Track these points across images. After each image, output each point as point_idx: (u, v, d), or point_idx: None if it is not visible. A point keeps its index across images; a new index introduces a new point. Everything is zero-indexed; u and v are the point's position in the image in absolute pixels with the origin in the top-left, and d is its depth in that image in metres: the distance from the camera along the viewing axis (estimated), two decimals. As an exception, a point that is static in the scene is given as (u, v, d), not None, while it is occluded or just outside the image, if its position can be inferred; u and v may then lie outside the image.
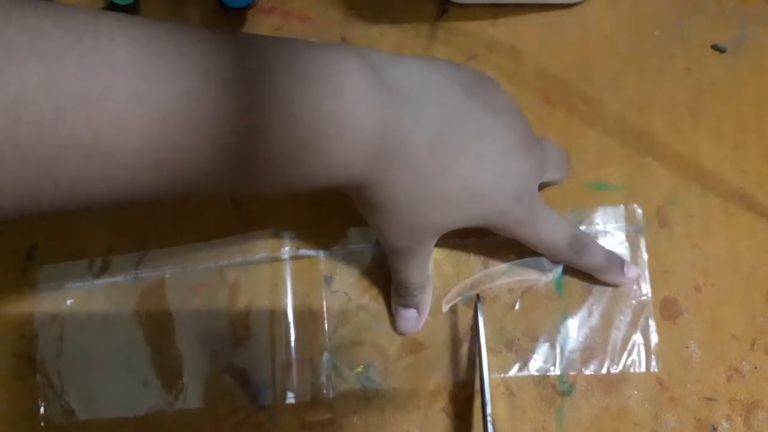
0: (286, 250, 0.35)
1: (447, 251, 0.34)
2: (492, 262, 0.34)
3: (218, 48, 0.23)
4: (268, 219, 0.35)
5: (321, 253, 0.35)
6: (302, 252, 0.35)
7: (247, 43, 0.24)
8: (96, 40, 0.20)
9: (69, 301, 0.35)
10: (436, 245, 0.32)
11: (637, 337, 0.33)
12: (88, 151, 0.20)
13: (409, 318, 0.33)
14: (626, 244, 0.34)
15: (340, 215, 0.35)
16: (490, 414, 0.30)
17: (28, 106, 0.18)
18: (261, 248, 0.35)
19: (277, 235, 0.35)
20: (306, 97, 0.24)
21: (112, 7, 0.37)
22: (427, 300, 0.33)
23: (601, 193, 0.35)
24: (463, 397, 0.33)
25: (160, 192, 0.23)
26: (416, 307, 0.33)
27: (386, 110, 0.26)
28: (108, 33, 0.20)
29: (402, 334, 0.34)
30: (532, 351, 0.33)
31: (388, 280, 0.34)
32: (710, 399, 0.32)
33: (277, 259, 0.34)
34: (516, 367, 0.33)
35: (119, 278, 0.35)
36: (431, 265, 0.33)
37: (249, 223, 0.35)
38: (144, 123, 0.20)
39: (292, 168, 0.25)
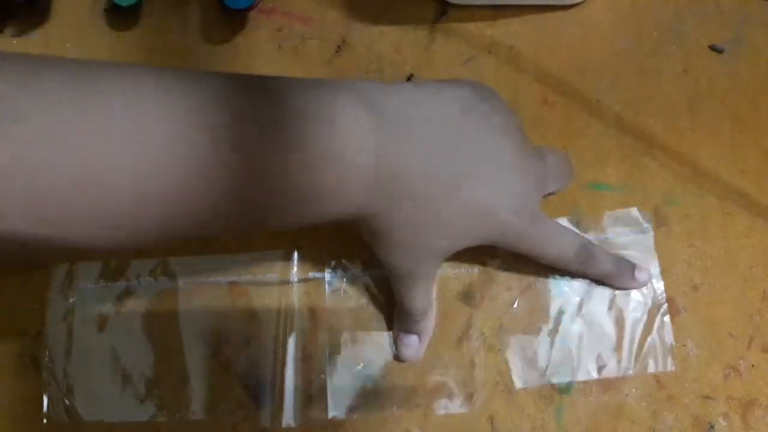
0: (295, 272, 0.35)
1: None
2: (491, 261, 0.35)
3: (207, 91, 0.23)
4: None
5: (327, 276, 0.35)
6: (311, 275, 0.35)
7: (239, 84, 0.24)
8: (93, 89, 0.21)
9: (71, 300, 0.35)
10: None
11: (653, 338, 0.33)
12: (77, 183, 0.20)
13: (410, 345, 0.33)
14: (636, 247, 0.34)
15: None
16: None
17: (22, 145, 0.19)
18: (271, 269, 0.35)
19: (287, 256, 0.35)
20: (298, 137, 0.24)
21: (115, 8, 0.37)
22: (429, 327, 0.33)
23: (599, 193, 0.35)
24: (463, 394, 0.33)
25: (158, 229, 0.23)
26: (418, 334, 0.33)
27: (380, 142, 0.26)
28: (105, 82, 0.21)
29: (403, 361, 0.33)
30: (533, 356, 0.33)
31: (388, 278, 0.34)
32: (708, 397, 0.33)
33: (285, 282, 0.35)
34: (521, 378, 0.33)
35: (133, 283, 0.35)
36: (434, 290, 0.33)
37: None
38: (135, 163, 0.21)
39: (289, 206, 0.26)
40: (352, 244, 0.35)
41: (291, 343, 0.34)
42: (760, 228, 0.34)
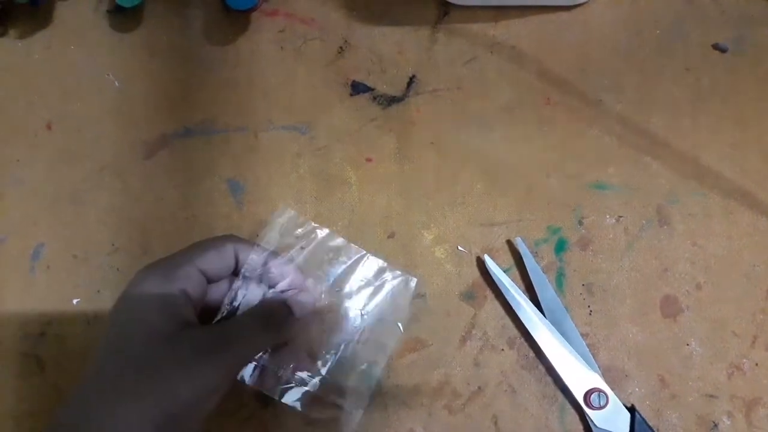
0: None
1: (448, 251, 0.35)
2: (489, 259, 0.35)
3: None
4: (265, 213, 0.36)
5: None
6: None
7: None
8: None
9: (75, 301, 0.35)
10: (438, 244, 0.31)
11: None
12: None
13: None
14: None
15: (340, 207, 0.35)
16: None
17: None
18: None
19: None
20: None
21: (117, 9, 0.37)
22: None
23: (601, 193, 0.35)
24: (466, 393, 0.33)
25: None
26: None
27: None
28: None
29: None
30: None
31: (391, 278, 0.34)
32: (711, 396, 0.33)
33: None
34: None
35: None
36: None
37: (251, 223, 0.36)
38: None
39: None
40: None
41: (295, 342, 0.34)
42: (762, 226, 0.34)
